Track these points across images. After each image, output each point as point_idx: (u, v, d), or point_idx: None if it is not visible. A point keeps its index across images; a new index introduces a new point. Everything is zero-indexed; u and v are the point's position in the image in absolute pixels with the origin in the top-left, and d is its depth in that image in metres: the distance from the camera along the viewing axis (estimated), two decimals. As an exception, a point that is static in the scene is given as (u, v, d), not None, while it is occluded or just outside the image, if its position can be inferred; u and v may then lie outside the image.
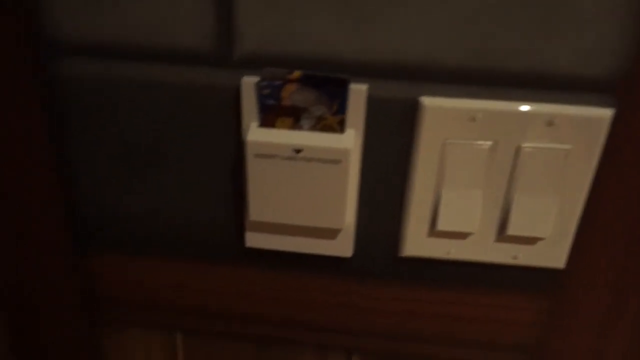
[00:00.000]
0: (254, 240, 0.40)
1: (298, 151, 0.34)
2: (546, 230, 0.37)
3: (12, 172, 0.41)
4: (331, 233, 0.39)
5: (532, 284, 0.40)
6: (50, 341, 0.49)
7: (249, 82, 0.35)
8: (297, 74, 0.34)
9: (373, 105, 0.35)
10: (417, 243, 0.39)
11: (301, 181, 0.35)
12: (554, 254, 0.38)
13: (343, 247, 0.40)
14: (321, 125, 0.35)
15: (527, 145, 0.34)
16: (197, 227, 0.42)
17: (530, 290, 0.40)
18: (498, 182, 0.36)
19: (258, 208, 0.37)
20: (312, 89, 0.34)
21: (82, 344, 0.49)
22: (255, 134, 0.35)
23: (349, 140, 0.34)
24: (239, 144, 0.37)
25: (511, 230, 0.37)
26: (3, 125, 0.39)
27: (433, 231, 0.38)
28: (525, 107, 0.33)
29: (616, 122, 0.34)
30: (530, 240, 0.38)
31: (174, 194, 0.40)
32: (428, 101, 0.34)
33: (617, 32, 0.31)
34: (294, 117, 0.35)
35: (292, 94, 0.34)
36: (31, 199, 0.42)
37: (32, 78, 0.37)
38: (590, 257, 0.39)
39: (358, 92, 0.34)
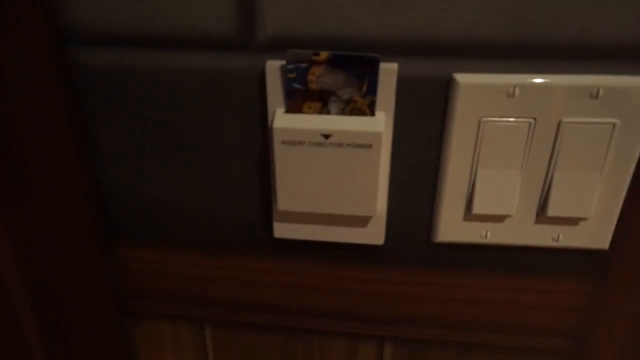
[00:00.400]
0: (282, 230, 0.39)
1: (327, 136, 0.33)
2: (589, 211, 0.35)
3: (37, 166, 0.41)
4: (362, 221, 0.38)
5: (575, 266, 0.38)
6: (79, 335, 0.49)
7: (273, 66, 0.33)
8: (324, 55, 0.32)
9: (404, 85, 0.33)
10: (451, 228, 0.37)
11: (331, 168, 0.34)
12: (597, 235, 0.36)
13: (375, 234, 0.38)
14: (350, 109, 0.33)
15: (569, 120, 0.32)
16: (223, 218, 0.40)
17: (573, 273, 0.39)
18: (537, 161, 0.34)
19: (286, 197, 0.36)
20: (340, 70, 0.32)
21: (111, 337, 0.49)
22: (282, 120, 0.34)
23: (380, 123, 0.33)
24: (265, 131, 0.36)
25: (551, 211, 0.35)
26: (25, 117, 0.38)
27: (468, 215, 0.37)
28: (566, 80, 0.32)
29: (665, 93, 0.31)
30: (572, 221, 0.36)
31: (200, 184, 0.39)
32: (462, 78, 0.32)
33: (667, -5, 0.29)
34: (322, 101, 0.33)
35: (319, 77, 0.33)
36: (57, 193, 0.42)
37: (54, 68, 0.36)
38: (636, 237, 0.37)
39: (388, 72, 0.32)
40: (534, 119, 0.33)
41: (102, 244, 0.44)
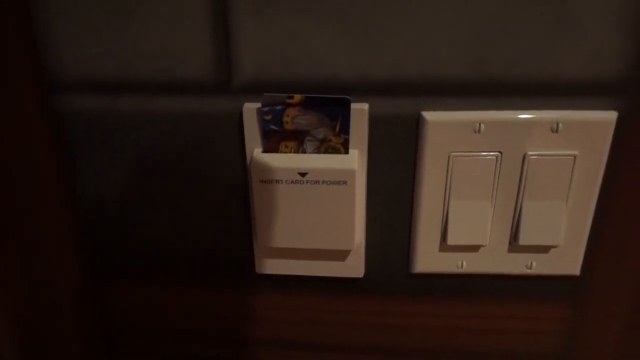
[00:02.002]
0: (263, 266, 0.40)
1: (303, 174, 0.34)
2: (558, 238, 0.36)
3: (23, 207, 0.41)
4: (342, 254, 0.39)
5: (549, 292, 0.40)
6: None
7: (250, 108, 0.35)
8: (298, 97, 0.33)
9: (375, 123, 0.35)
10: (428, 259, 0.39)
11: (308, 204, 0.35)
12: (568, 262, 0.38)
13: (354, 267, 0.39)
14: (325, 147, 0.35)
15: (533, 153, 0.34)
16: (207, 254, 0.41)
17: (548, 299, 0.40)
18: (506, 192, 0.36)
19: (266, 234, 0.37)
20: (314, 111, 0.34)
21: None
22: (259, 160, 0.35)
23: (354, 161, 0.34)
24: (245, 170, 0.37)
25: (523, 240, 0.36)
26: (12, 161, 0.39)
27: (444, 246, 0.38)
28: (529, 115, 0.33)
29: (621, 125, 0.33)
30: (543, 249, 0.37)
31: (183, 222, 0.40)
32: (430, 116, 0.34)
33: (619, 36, 0.31)
34: (298, 141, 0.35)
35: (294, 118, 0.34)
36: (43, 231, 0.42)
37: (39, 114, 0.37)
38: (606, 262, 0.38)
39: (360, 112, 0.34)
40: (500, 152, 0.34)
41: (88, 283, 0.44)
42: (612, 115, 0.33)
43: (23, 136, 0.38)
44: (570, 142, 0.33)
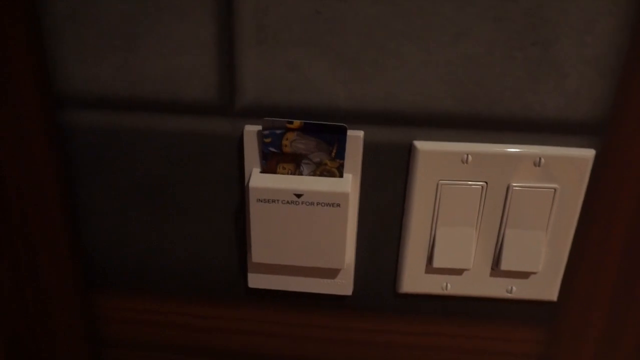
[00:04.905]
0: (256, 281, 0.41)
1: (299, 195, 0.36)
2: (537, 265, 0.38)
3: (22, 216, 0.42)
4: (332, 273, 0.40)
5: (528, 316, 0.42)
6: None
7: (251, 131, 0.36)
8: (297, 123, 0.35)
9: (369, 149, 0.37)
10: (414, 280, 0.40)
11: (302, 224, 0.37)
12: (546, 287, 0.40)
13: (344, 285, 0.41)
14: (321, 170, 0.37)
15: (516, 184, 0.36)
16: (201, 268, 0.43)
17: (527, 322, 0.42)
18: (490, 220, 0.38)
19: (260, 250, 0.38)
20: (312, 136, 0.36)
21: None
22: (258, 180, 0.36)
23: (348, 184, 0.36)
24: (242, 189, 0.39)
25: (504, 266, 0.38)
26: (14, 172, 0.40)
27: (430, 268, 0.40)
28: (513, 149, 0.35)
29: (599, 161, 0.36)
30: (523, 275, 0.39)
31: (179, 236, 0.41)
32: (421, 145, 0.36)
33: (597, 79, 0.33)
34: (295, 163, 0.37)
35: (292, 142, 0.36)
36: (39, 241, 0.43)
37: (42, 127, 0.39)
38: (581, 289, 0.40)
39: (355, 139, 0.36)
40: (486, 182, 0.36)
41: (80, 294, 0.45)
42: (590, 153, 0.35)
43: (25, 147, 0.39)
44: (551, 176, 0.36)
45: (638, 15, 0.31)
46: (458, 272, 0.40)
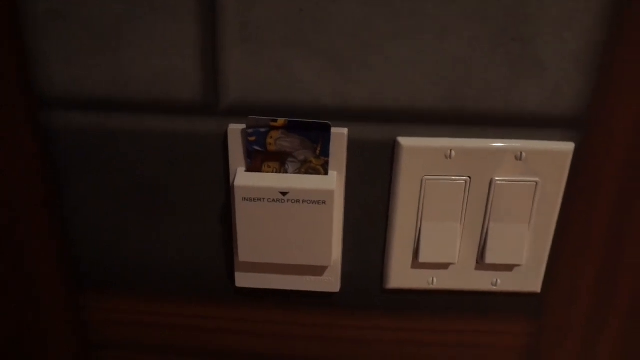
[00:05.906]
0: (243, 280, 0.41)
1: (284, 194, 0.36)
2: (521, 258, 0.39)
3: (8, 219, 0.42)
4: (319, 270, 0.40)
5: (513, 308, 0.42)
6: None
7: (235, 130, 0.36)
8: (281, 121, 0.35)
9: (354, 147, 0.37)
10: (401, 275, 0.41)
11: (288, 222, 0.37)
12: (530, 280, 0.40)
13: (331, 283, 0.41)
14: (306, 168, 0.37)
15: (499, 178, 0.37)
16: (190, 268, 0.42)
17: (512, 314, 0.42)
18: (474, 214, 0.38)
19: (247, 249, 0.38)
20: (296, 134, 0.36)
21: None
22: (243, 179, 0.36)
23: (333, 182, 0.36)
24: (228, 188, 0.39)
25: (489, 259, 0.39)
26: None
27: (416, 263, 0.40)
28: (495, 144, 0.36)
29: (578, 155, 0.36)
30: (507, 268, 0.40)
31: (167, 237, 0.41)
32: (405, 141, 0.36)
33: (577, 74, 0.34)
34: (280, 162, 0.37)
35: (277, 140, 0.36)
36: (26, 244, 0.43)
37: (27, 130, 0.38)
38: (564, 280, 0.41)
39: (339, 136, 0.36)
40: (469, 177, 0.37)
41: (69, 296, 0.45)
42: (570, 146, 0.36)
43: (9, 149, 0.39)
44: (532, 169, 0.36)
45: (615, 12, 0.32)
46: (444, 266, 0.40)
